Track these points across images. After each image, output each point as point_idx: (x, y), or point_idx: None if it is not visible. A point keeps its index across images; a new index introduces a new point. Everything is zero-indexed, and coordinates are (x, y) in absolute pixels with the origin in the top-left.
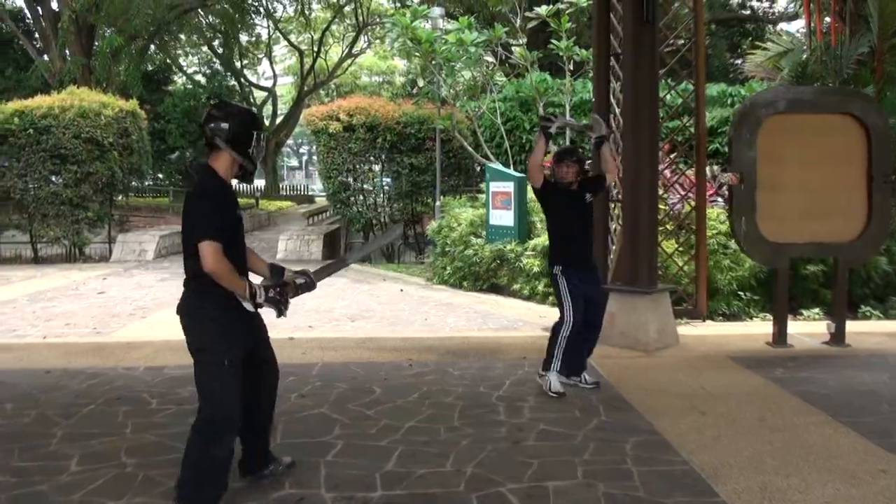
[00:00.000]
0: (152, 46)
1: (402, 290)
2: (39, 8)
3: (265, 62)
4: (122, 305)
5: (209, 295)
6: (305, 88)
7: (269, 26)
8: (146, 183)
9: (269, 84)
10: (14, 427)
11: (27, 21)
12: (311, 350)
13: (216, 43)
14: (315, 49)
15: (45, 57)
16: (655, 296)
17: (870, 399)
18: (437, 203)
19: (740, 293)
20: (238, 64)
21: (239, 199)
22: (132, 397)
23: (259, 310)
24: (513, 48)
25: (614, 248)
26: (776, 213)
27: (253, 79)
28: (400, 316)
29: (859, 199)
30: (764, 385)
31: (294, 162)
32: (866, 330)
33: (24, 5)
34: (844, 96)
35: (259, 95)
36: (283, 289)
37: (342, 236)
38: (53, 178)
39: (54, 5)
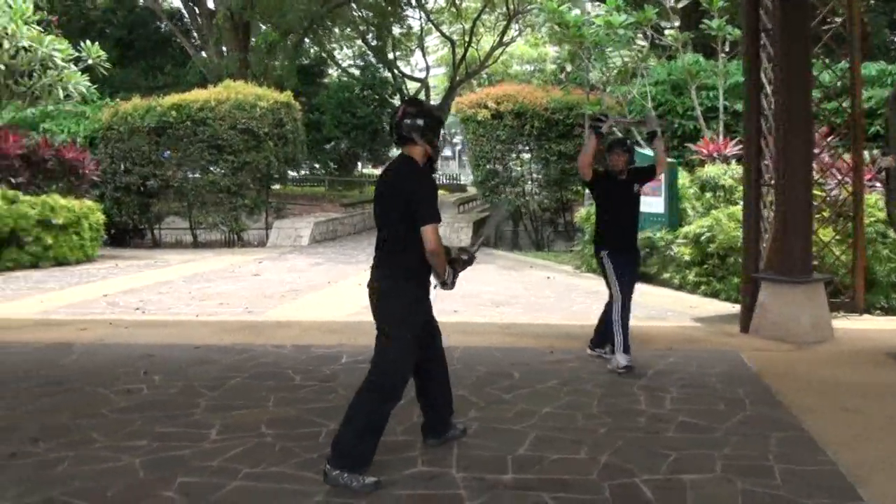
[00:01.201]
0: (307, 40)
1: (549, 278)
2: (196, 7)
3: (418, 53)
4: (275, 287)
5: (401, 275)
6: (457, 78)
7: (421, 17)
8: (303, 172)
9: (421, 75)
10: (161, 396)
11: (185, 20)
12: (454, 334)
13: (370, 36)
14: (466, 39)
15: (203, 54)
16: (810, 286)
17: None
18: (587, 190)
19: None
20: (391, 55)
21: None
22: (277, 373)
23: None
24: (665, 30)
25: (767, 235)
26: None
27: (406, 70)
28: (545, 303)
29: None
30: None
31: (447, 152)
32: None
33: (181, 5)
34: None
35: (412, 86)
36: (455, 267)
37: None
38: (212, 168)
39: (210, 4)
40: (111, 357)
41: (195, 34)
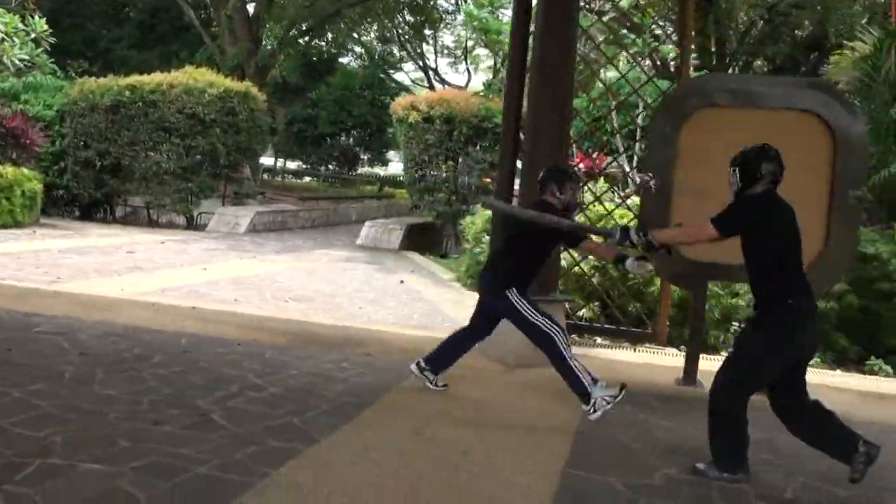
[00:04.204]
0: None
1: (401, 282)
2: None
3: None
4: (125, 264)
5: None
6: (493, 86)
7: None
8: (304, 166)
9: (463, 82)
10: None
11: (207, 9)
12: (189, 320)
13: (407, 36)
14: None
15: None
16: None
17: None
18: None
19: None
20: (434, 60)
21: None
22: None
23: None
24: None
25: None
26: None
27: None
28: (356, 303)
29: (816, 217)
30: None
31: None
32: None
33: None
34: (797, 88)
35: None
36: None
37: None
38: (160, 150)
39: None
40: None
41: (216, 24)
